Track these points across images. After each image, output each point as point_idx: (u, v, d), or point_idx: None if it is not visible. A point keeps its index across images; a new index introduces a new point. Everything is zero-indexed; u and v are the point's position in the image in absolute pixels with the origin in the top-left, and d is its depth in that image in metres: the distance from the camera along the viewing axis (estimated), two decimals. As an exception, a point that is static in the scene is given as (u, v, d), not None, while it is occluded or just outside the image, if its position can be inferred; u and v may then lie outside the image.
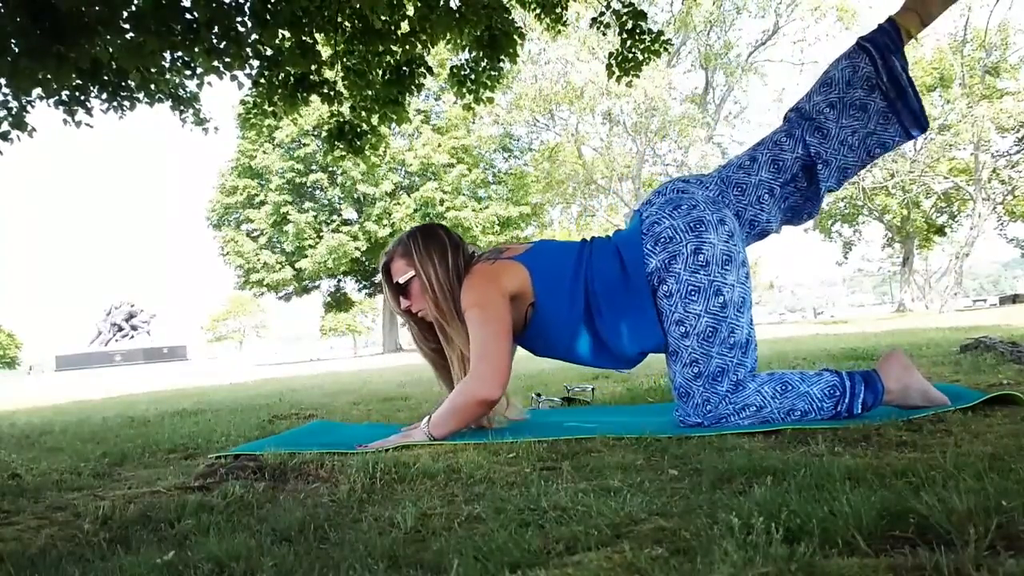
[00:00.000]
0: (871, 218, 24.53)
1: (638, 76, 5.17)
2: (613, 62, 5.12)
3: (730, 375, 1.70)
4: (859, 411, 1.63)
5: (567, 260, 1.85)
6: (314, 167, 24.01)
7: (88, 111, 4.27)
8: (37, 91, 3.85)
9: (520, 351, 2.03)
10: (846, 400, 1.63)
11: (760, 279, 36.49)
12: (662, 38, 5.06)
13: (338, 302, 28.61)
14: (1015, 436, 1.27)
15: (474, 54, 4.98)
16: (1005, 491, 0.87)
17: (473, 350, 1.79)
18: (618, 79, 5.15)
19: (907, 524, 0.81)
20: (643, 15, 5.03)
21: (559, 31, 5.29)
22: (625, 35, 5.02)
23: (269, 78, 4.62)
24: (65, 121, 4.24)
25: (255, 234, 24.96)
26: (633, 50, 5.03)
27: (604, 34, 5.29)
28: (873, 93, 1.78)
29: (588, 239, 1.92)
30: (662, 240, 1.73)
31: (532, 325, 1.87)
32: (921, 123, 1.80)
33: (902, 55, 1.79)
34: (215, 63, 4.03)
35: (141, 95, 4.39)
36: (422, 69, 4.94)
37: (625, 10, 4.97)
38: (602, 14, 5.07)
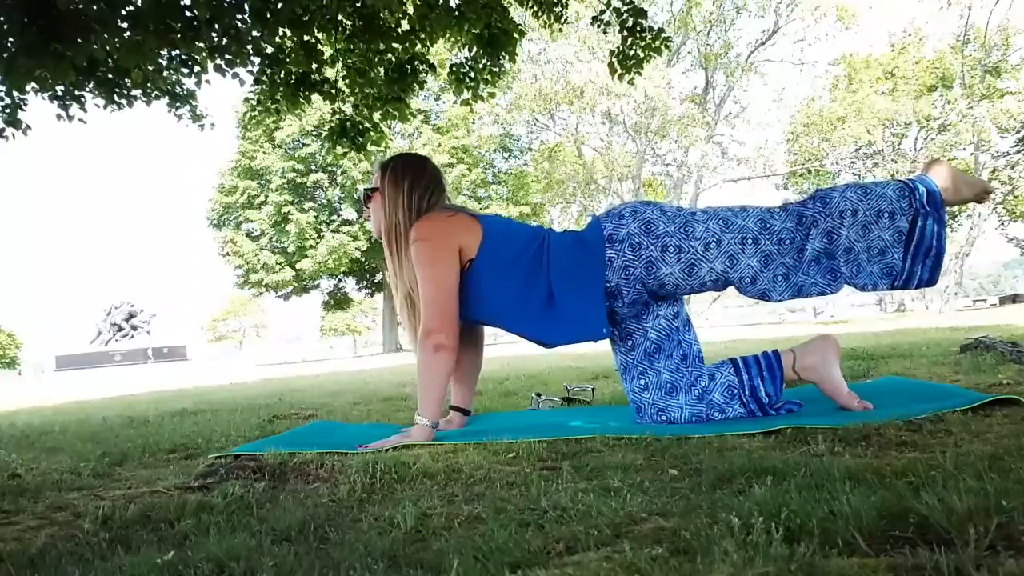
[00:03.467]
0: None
1: (640, 74, 5.16)
2: (615, 60, 5.12)
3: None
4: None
5: (527, 244, 1.91)
6: (314, 167, 24.00)
7: (82, 106, 4.26)
8: (31, 86, 3.84)
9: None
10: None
11: (760, 279, 36.40)
12: (663, 35, 5.05)
13: (337, 302, 28.62)
14: (1015, 436, 1.27)
15: (474, 52, 4.98)
16: (1005, 491, 0.87)
17: (422, 302, 1.88)
18: (619, 77, 5.14)
19: (907, 524, 0.80)
20: (643, 13, 5.01)
21: (559, 30, 5.28)
22: (626, 33, 5.01)
23: (271, 76, 4.62)
24: (59, 116, 4.23)
25: (255, 234, 24.96)
26: (634, 48, 5.02)
27: (605, 32, 5.28)
28: (732, 401, 1.81)
29: (543, 232, 1.96)
30: (627, 244, 1.80)
31: (463, 280, 1.91)
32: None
33: (776, 382, 1.81)
34: (217, 61, 4.03)
35: (138, 92, 4.38)
36: (424, 67, 4.94)
37: (625, 8, 4.97)
38: (602, 12, 5.07)
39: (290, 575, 0.84)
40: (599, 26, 5.13)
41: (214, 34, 3.84)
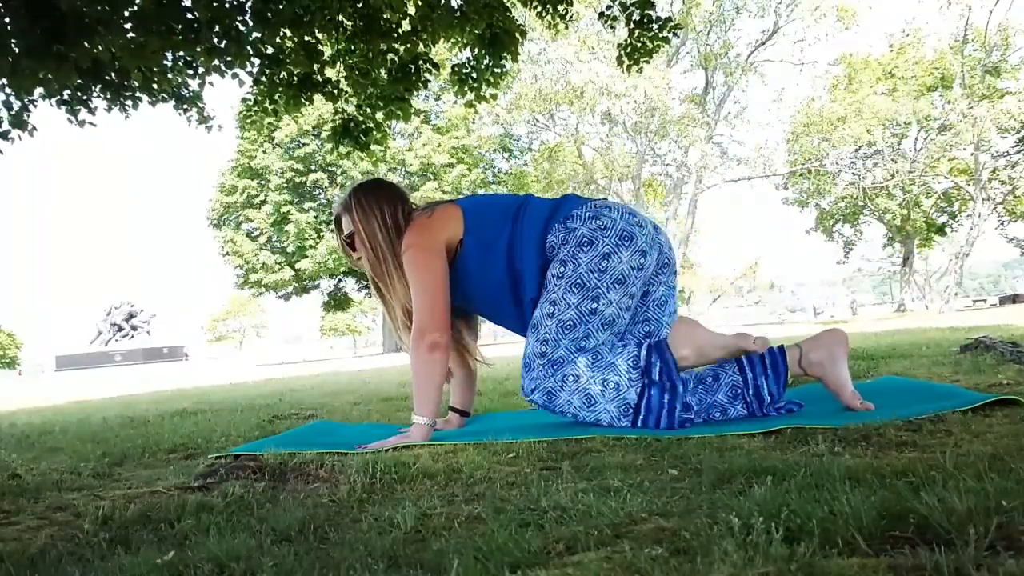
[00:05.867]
0: (872, 218, 24.56)
1: (648, 63, 5.17)
2: (622, 52, 5.11)
3: (567, 369, 1.82)
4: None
5: (500, 217, 1.94)
6: (314, 167, 24.00)
7: (91, 110, 4.27)
8: (39, 90, 3.85)
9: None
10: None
11: (760, 279, 36.60)
12: (670, 24, 5.03)
13: (337, 302, 28.63)
14: (1015, 436, 1.27)
15: (476, 52, 4.98)
16: (1005, 491, 0.87)
17: (413, 303, 1.90)
18: (628, 68, 5.14)
19: (907, 524, 0.80)
20: (651, 4, 4.99)
21: (563, 28, 5.27)
22: (633, 25, 5.01)
23: (271, 76, 4.62)
24: (69, 120, 4.25)
25: (255, 234, 24.96)
26: (642, 39, 5.02)
27: (613, 28, 5.27)
28: (736, 401, 1.80)
29: (523, 203, 1.97)
30: (583, 242, 1.84)
31: (456, 270, 1.94)
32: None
33: (780, 380, 1.78)
34: (216, 62, 4.03)
35: (143, 94, 4.39)
36: (427, 66, 4.94)
37: (632, 1, 4.95)
38: (609, 7, 5.06)
39: (290, 575, 0.85)
40: (606, 22, 5.12)
41: (214, 36, 3.84)
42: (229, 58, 4.04)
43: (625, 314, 1.87)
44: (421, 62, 4.89)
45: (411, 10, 4.57)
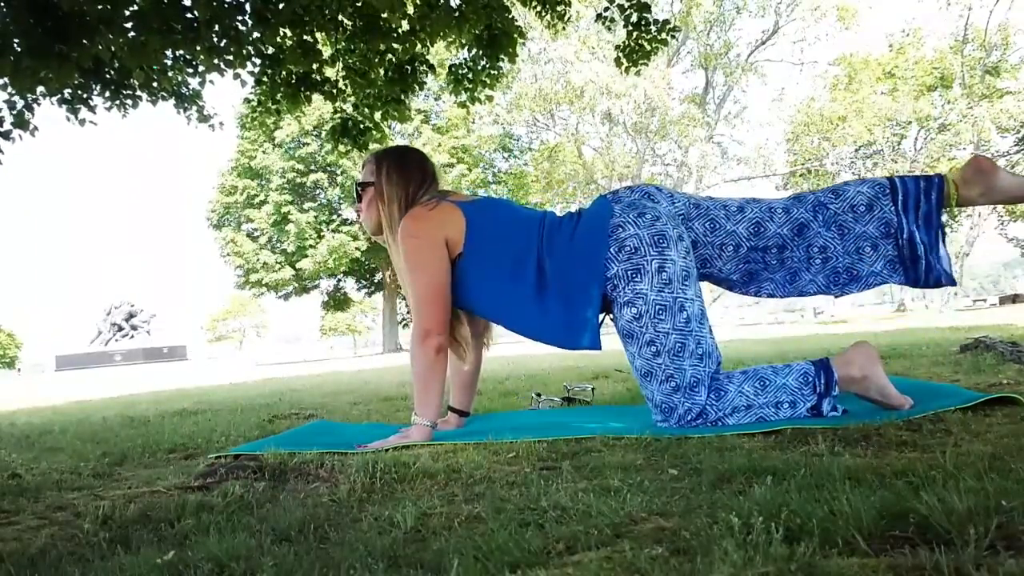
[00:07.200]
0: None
1: (646, 65, 5.18)
2: (621, 54, 5.13)
3: (705, 383, 1.74)
4: (836, 392, 1.67)
5: (518, 231, 1.87)
6: (314, 167, 24.01)
7: (91, 109, 4.27)
8: (40, 89, 3.85)
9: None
10: (821, 383, 1.68)
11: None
12: (668, 26, 5.05)
13: (337, 302, 28.63)
14: (1015, 436, 1.27)
15: (473, 52, 4.99)
16: (1005, 491, 0.87)
17: (414, 302, 1.87)
18: (626, 70, 5.17)
19: (907, 524, 0.80)
20: (647, 7, 5.01)
21: (561, 29, 5.28)
22: (631, 27, 5.03)
23: (271, 76, 4.62)
24: (68, 119, 4.25)
25: (255, 234, 24.97)
26: (640, 41, 5.04)
27: (610, 29, 5.29)
28: (888, 240, 1.74)
29: (544, 213, 1.93)
30: (626, 249, 1.75)
31: (455, 274, 1.90)
32: (939, 281, 1.72)
33: (934, 215, 1.72)
34: (216, 62, 4.03)
35: (144, 93, 4.39)
36: (424, 67, 4.94)
37: (629, 4, 4.97)
38: (607, 9, 5.08)
39: (290, 575, 0.85)
40: (604, 23, 5.14)
41: (213, 35, 3.84)
42: (229, 57, 4.04)
43: (702, 296, 1.81)
44: (418, 63, 4.90)
45: (410, 10, 4.57)
